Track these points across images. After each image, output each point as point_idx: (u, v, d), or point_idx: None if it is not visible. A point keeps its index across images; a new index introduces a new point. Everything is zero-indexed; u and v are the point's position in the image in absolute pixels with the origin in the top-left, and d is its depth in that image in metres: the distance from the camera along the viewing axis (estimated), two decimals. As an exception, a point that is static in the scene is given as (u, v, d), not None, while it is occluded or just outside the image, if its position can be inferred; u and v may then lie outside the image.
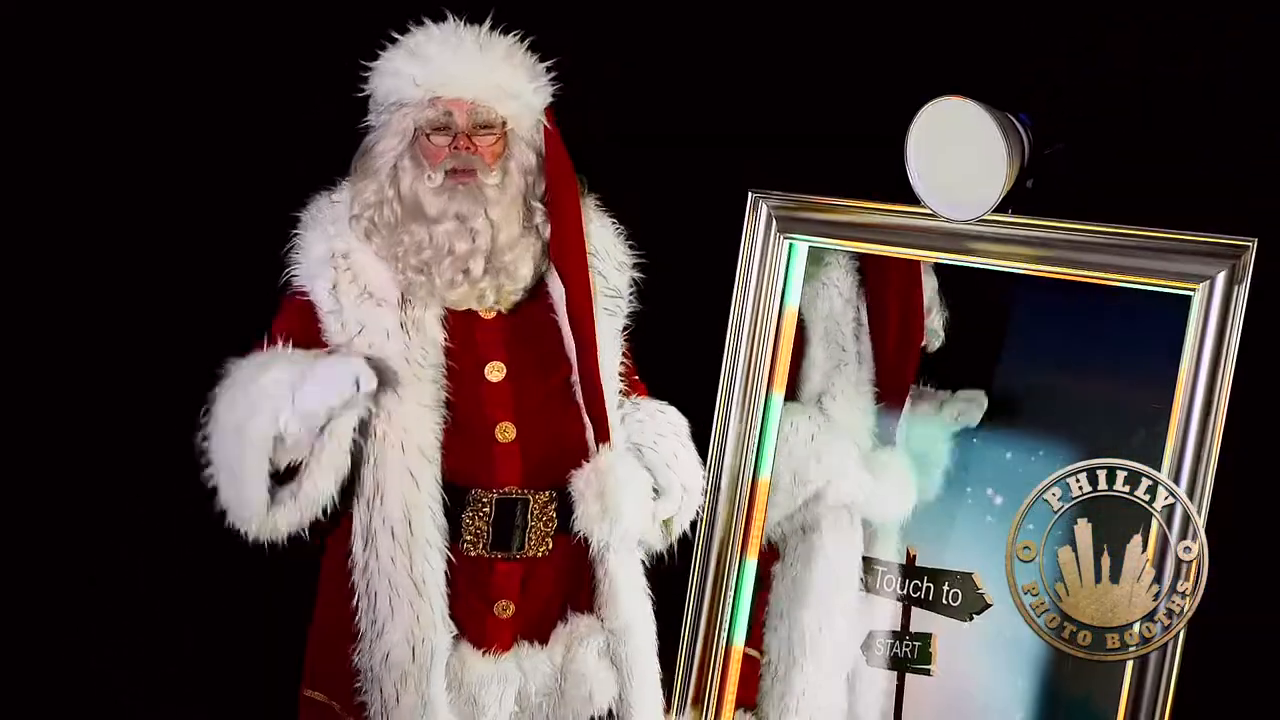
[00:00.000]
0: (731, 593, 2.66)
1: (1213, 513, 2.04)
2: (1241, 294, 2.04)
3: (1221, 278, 2.06)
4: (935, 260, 2.44)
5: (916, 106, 2.30)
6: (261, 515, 2.17)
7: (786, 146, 2.96)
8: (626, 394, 2.44)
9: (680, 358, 2.63)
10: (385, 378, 2.19)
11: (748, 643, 2.72)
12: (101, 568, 2.97)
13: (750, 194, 2.60)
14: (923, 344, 2.65)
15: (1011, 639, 2.41)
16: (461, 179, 2.25)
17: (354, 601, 2.24)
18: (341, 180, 2.35)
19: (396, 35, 2.28)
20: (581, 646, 2.36)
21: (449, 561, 2.24)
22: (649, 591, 2.43)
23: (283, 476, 2.18)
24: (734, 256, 2.63)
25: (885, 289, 2.66)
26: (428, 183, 2.24)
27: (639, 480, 2.34)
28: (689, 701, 2.67)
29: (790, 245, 2.59)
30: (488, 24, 2.29)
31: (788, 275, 2.60)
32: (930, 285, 2.63)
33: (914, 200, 2.36)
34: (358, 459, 2.22)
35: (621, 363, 2.42)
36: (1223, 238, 2.06)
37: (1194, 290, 2.09)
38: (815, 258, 2.65)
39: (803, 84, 2.98)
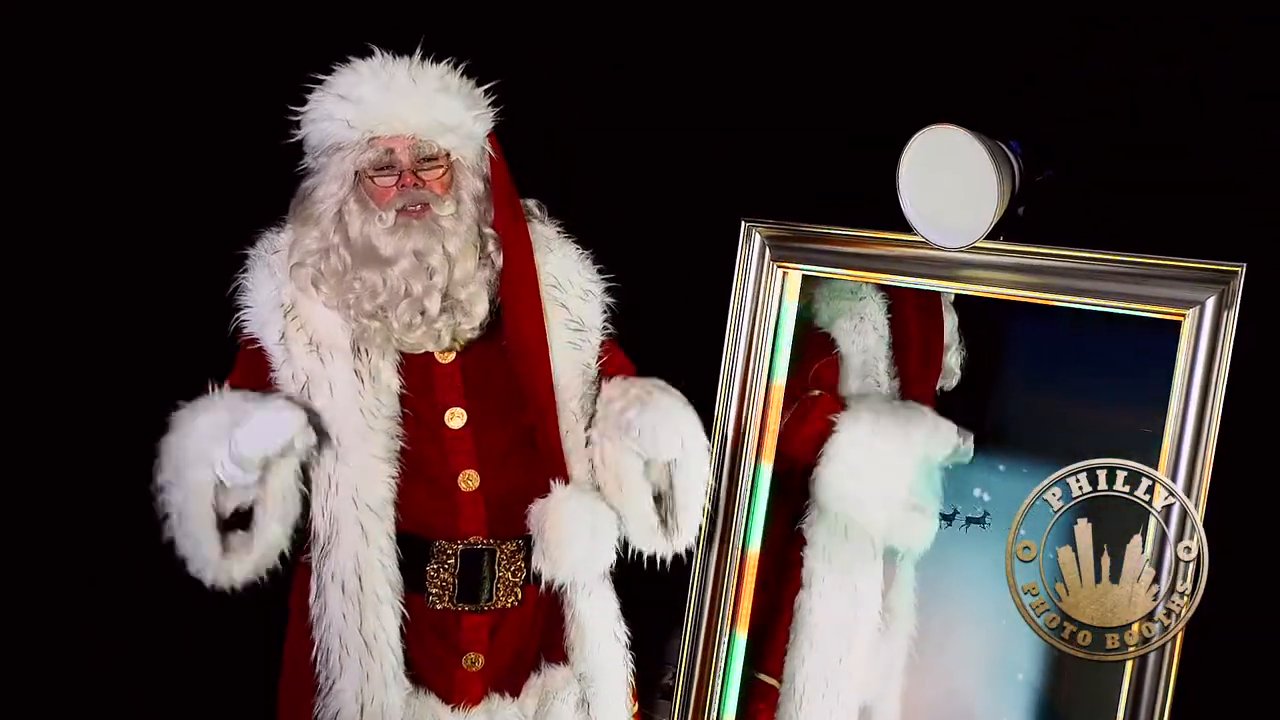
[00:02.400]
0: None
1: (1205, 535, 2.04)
2: (1231, 318, 2.06)
3: (1211, 303, 2.08)
4: (927, 287, 2.44)
5: (908, 134, 2.32)
6: (216, 563, 2.14)
7: (780, 174, 2.98)
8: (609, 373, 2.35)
9: (675, 385, 2.63)
10: (326, 428, 2.15)
11: (768, 671, 2.71)
12: (101, 568, 2.95)
13: (744, 223, 2.61)
14: (940, 384, 2.65)
15: (1008, 661, 2.42)
16: (414, 214, 2.17)
17: (314, 652, 2.21)
18: (283, 219, 2.27)
19: (322, 76, 2.19)
20: (556, 700, 2.32)
21: (410, 615, 2.19)
22: (621, 635, 2.38)
23: (235, 523, 2.15)
24: (728, 285, 2.63)
25: (906, 320, 2.66)
26: (379, 224, 2.16)
27: (590, 516, 2.23)
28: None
29: (784, 274, 2.60)
30: (418, 54, 2.20)
31: (781, 303, 2.60)
32: (950, 323, 2.63)
33: (906, 228, 2.38)
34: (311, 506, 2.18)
35: (592, 383, 2.34)
36: (1212, 263, 2.08)
37: (1184, 316, 2.10)
38: (849, 290, 2.65)
39: (795, 111, 3.01)
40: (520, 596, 2.27)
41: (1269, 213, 2.32)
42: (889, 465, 2.54)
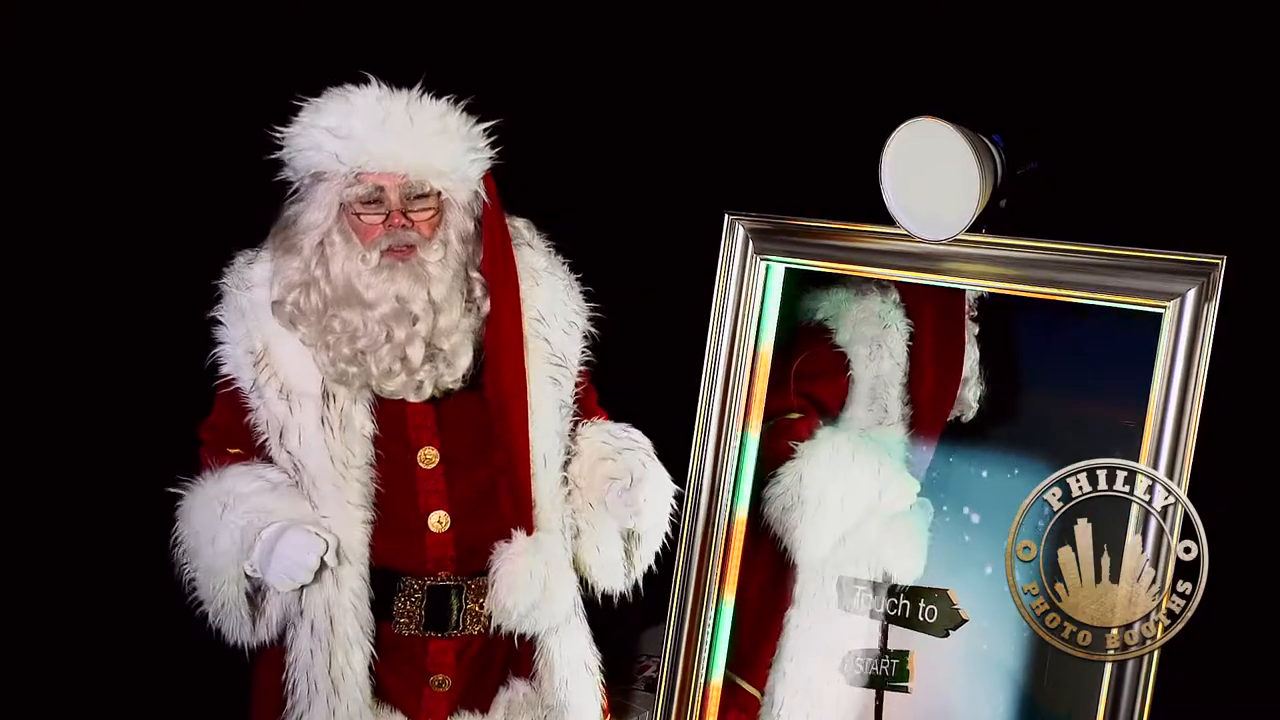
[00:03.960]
0: (710, 631, 2.64)
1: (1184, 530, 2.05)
2: (1211, 311, 2.07)
3: (1191, 295, 2.09)
4: (910, 280, 2.45)
5: (891, 128, 2.33)
6: (249, 638, 2.19)
7: (763, 167, 2.99)
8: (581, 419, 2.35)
9: (657, 380, 2.63)
10: (303, 471, 2.15)
11: (750, 680, 2.71)
12: (101, 568, 2.95)
13: (726, 215, 2.61)
14: (955, 414, 2.63)
15: (990, 655, 2.42)
16: (400, 255, 2.10)
17: (284, 677, 2.21)
18: (258, 249, 2.22)
19: (306, 98, 2.10)
20: (523, 717, 2.31)
21: (378, 639, 2.19)
22: (593, 664, 2.37)
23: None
24: (711, 278, 2.63)
25: (924, 351, 2.64)
26: (362, 264, 2.09)
27: (544, 570, 2.19)
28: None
29: (767, 267, 2.60)
30: (418, 89, 2.11)
31: (765, 295, 2.60)
32: (971, 357, 2.61)
33: (889, 220, 2.38)
34: None
35: (575, 412, 2.32)
36: (1192, 255, 2.09)
37: (1165, 308, 2.11)
38: (877, 315, 2.64)
39: (779, 105, 3.02)
40: (487, 624, 2.24)
41: (1249, 205, 2.33)
42: (832, 504, 2.56)
